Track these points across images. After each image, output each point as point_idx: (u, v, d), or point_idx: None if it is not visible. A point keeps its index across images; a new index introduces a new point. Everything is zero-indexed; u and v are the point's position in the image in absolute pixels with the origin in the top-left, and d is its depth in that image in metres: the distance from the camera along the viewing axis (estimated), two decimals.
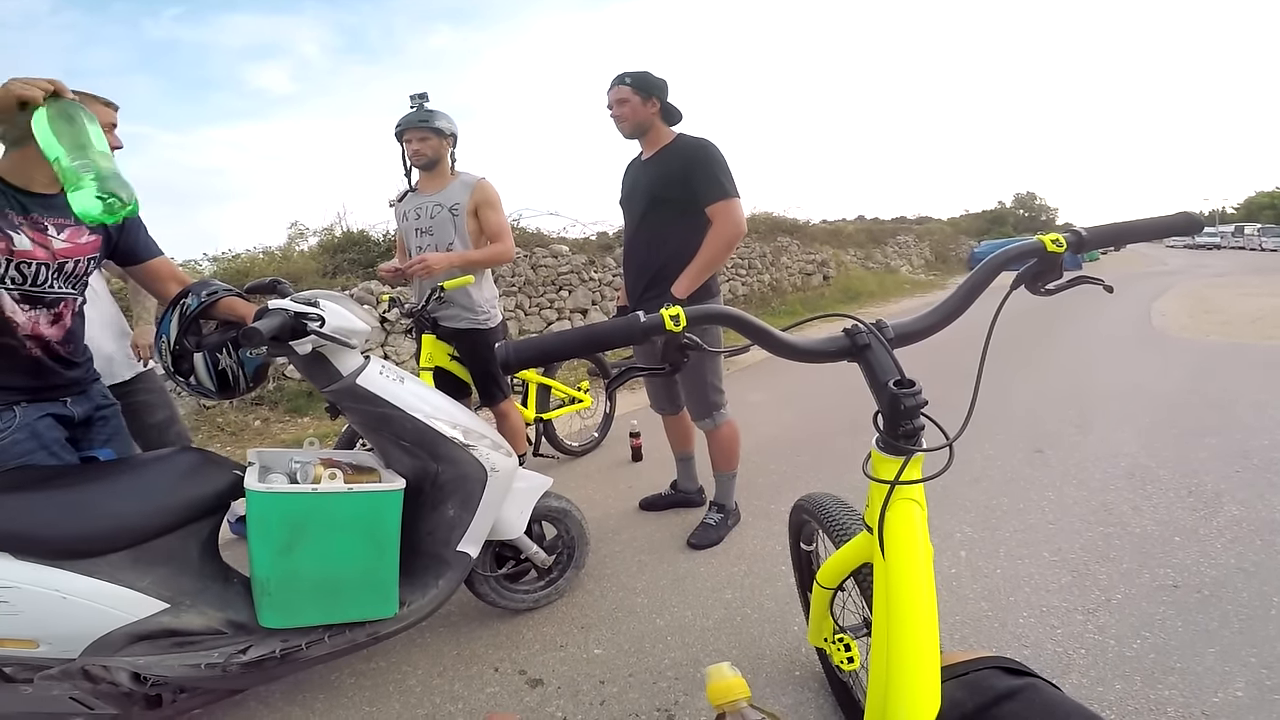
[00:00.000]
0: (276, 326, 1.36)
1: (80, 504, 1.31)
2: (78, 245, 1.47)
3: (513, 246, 2.51)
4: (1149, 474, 2.88)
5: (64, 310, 1.48)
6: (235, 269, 6.07)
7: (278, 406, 4.99)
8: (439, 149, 2.46)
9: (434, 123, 2.41)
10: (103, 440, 1.60)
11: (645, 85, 2.26)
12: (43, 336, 1.43)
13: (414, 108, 2.43)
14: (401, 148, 2.49)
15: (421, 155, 2.45)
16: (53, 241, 1.41)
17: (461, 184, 2.48)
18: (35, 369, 1.43)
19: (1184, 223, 0.97)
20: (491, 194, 2.49)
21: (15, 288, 1.37)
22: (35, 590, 1.22)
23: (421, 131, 2.41)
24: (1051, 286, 0.89)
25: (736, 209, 2.21)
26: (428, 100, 2.45)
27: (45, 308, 1.43)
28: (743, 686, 0.58)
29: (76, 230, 1.46)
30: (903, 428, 0.77)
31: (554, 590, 2.07)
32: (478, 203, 2.47)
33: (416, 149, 2.44)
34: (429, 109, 2.43)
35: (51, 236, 1.41)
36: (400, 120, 2.44)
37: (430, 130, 2.41)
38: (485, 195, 2.48)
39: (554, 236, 8.26)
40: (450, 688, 1.72)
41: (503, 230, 2.49)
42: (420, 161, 2.47)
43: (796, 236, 12.84)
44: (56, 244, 1.42)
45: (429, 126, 2.40)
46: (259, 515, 1.43)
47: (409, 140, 2.44)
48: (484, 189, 2.48)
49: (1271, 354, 5.44)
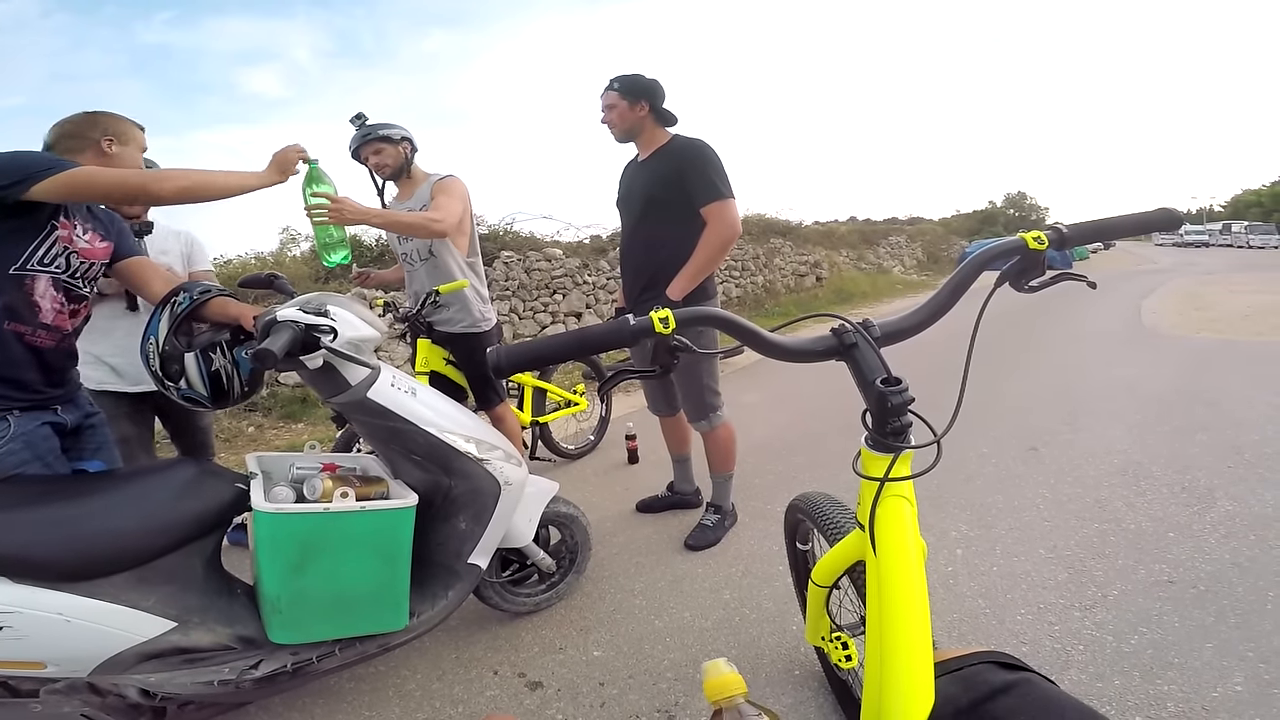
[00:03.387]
0: (288, 343, 1.27)
1: (79, 523, 1.27)
2: (95, 249, 1.51)
3: (447, 223, 2.25)
4: (1142, 470, 2.90)
5: (81, 310, 1.51)
6: (227, 274, 6.04)
7: (271, 413, 4.96)
8: (397, 156, 2.47)
9: (379, 133, 2.42)
10: (92, 450, 1.57)
11: (633, 89, 2.27)
12: (58, 328, 1.43)
13: (356, 127, 2.44)
14: (366, 167, 2.51)
15: (385, 166, 2.47)
16: (78, 241, 1.46)
17: (428, 185, 2.48)
18: (31, 363, 1.39)
19: (1164, 219, 0.98)
20: (449, 183, 2.45)
21: (60, 274, 1.42)
22: (37, 614, 1.19)
23: (373, 145, 2.44)
24: (1035, 283, 0.90)
25: (731, 210, 2.21)
26: (366, 117, 2.45)
27: (72, 301, 1.46)
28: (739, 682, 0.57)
29: (94, 234, 1.51)
30: (890, 425, 0.78)
31: (554, 594, 2.07)
32: (435, 192, 2.42)
33: (377, 162, 2.47)
34: (371, 124, 2.44)
35: (78, 236, 1.46)
36: (350, 141, 2.46)
37: (381, 141, 2.43)
38: (442, 184, 2.44)
39: (548, 240, 8.26)
40: (450, 691, 1.71)
41: (440, 205, 2.32)
42: (387, 173, 2.49)
43: (789, 238, 12.89)
44: (80, 244, 1.47)
45: (376, 138, 2.42)
46: (269, 535, 1.40)
47: (366, 157, 2.47)
48: (444, 182, 2.45)
49: (1261, 350, 5.49)
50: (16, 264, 1.34)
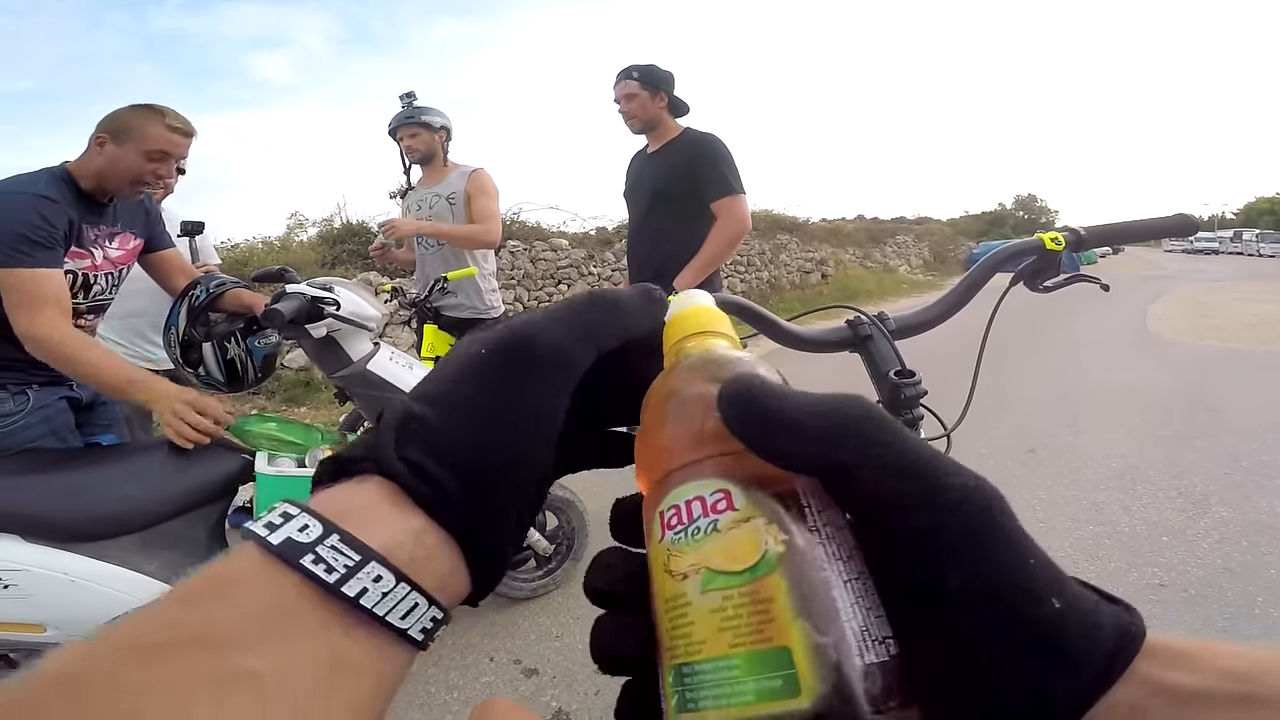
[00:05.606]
0: (295, 309, 1.40)
1: (89, 487, 1.32)
2: (127, 251, 1.54)
3: (497, 232, 2.47)
4: (1139, 474, 2.91)
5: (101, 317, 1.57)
6: (234, 258, 6.07)
7: (275, 396, 5.00)
8: (431, 143, 2.50)
9: (422, 118, 2.45)
10: (104, 425, 1.63)
11: (653, 79, 2.26)
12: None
13: (403, 106, 2.48)
14: (398, 146, 2.55)
15: (415, 151, 2.50)
16: (110, 251, 1.49)
17: (459, 174, 2.51)
18: None
19: (1180, 224, 0.98)
20: (485, 182, 2.50)
21: (84, 301, 1.44)
22: (44, 573, 1.23)
23: (412, 128, 2.46)
24: (1050, 284, 0.90)
25: (742, 205, 2.20)
26: (415, 98, 2.49)
27: (98, 314, 1.52)
28: (722, 318, 0.29)
29: (124, 237, 1.53)
30: (903, 417, 0.78)
31: (551, 580, 2.10)
32: (470, 191, 2.48)
33: (409, 145, 2.50)
34: (417, 105, 2.47)
35: (107, 246, 1.48)
36: (392, 119, 2.49)
37: (419, 126, 2.46)
38: (479, 183, 2.49)
39: (554, 230, 8.26)
40: (446, 677, 1.74)
41: (488, 214, 2.48)
42: (415, 157, 2.53)
43: (796, 234, 12.85)
44: (113, 253, 1.49)
45: (418, 122, 2.45)
46: (270, 499, 1.44)
47: (401, 138, 2.51)
48: (478, 178, 2.50)
49: (1264, 359, 5.48)
50: None
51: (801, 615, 0.17)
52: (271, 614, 0.18)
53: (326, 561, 0.18)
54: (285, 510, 0.20)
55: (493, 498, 0.22)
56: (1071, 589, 0.18)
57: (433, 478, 0.21)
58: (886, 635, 0.18)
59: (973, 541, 0.18)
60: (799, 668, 0.17)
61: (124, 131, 1.38)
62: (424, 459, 0.21)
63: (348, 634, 0.18)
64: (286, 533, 0.19)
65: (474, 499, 0.22)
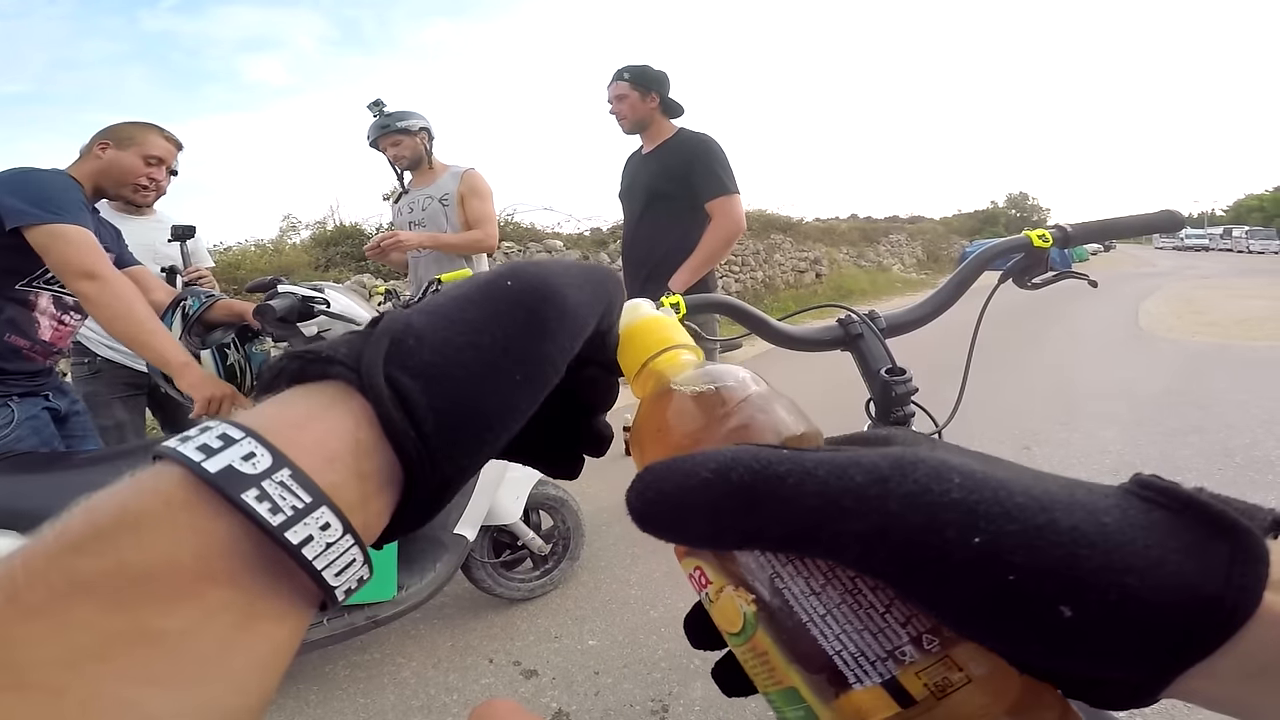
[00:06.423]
0: (287, 306, 1.45)
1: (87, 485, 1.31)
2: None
3: (495, 236, 2.47)
4: (1133, 470, 2.89)
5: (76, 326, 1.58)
6: (226, 261, 6.05)
7: None
8: (415, 147, 2.48)
9: (399, 125, 2.42)
10: (79, 437, 1.64)
11: (644, 80, 2.26)
12: (53, 344, 1.49)
13: (375, 115, 2.44)
14: (384, 155, 2.52)
15: (401, 158, 2.48)
16: None
17: (450, 175, 2.50)
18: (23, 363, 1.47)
19: (1166, 220, 0.99)
20: (478, 184, 2.49)
21: (64, 291, 1.45)
22: None
23: (392, 137, 2.44)
24: (1038, 281, 0.91)
25: (736, 205, 2.21)
26: (385, 105, 2.45)
27: (82, 314, 1.53)
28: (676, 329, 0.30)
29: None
30: (894, 414, 0.79)
31: (549, 581, 2.09)
32: (464, 192, 2.46)
33: (394, 154, 2.48)
34: (390, 113, 2.44)
35: None
36: (369, 131, 2.46)
37: (398, 133, 2.43)
38: (471, 184, 2.47)
39: (548, 232, 8.26)
40: (445, 679, 1.73)
41: (485, 218, 2.46)
42: (403, 164, 2.51)
43: (790, 234, 12.89)
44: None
45: (395, 130, 2.43)
46: None
47: (384, 147, 2.48)
48: (471, 179, 2.48)
49: (1256, 354, 5.52)
50: (24, 280, 1.40)
51: (792, 661, 0.19)
52: (191, 566, 0.15)
53: (272, 499, 0.16)
54: (225, 432, 0.17)
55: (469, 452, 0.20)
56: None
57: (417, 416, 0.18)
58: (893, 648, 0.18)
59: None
60: (809, 701, 0.19)
61: (127, 138, 1.54)
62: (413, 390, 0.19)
63: (272, 584, 0.16)
64: (226, 459, 0.16)
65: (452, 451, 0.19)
